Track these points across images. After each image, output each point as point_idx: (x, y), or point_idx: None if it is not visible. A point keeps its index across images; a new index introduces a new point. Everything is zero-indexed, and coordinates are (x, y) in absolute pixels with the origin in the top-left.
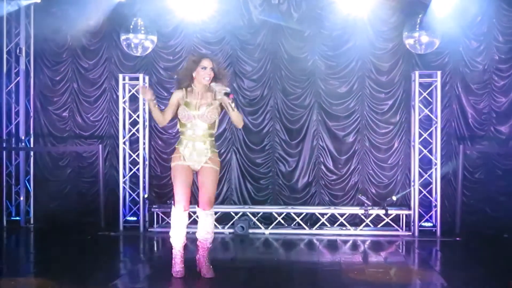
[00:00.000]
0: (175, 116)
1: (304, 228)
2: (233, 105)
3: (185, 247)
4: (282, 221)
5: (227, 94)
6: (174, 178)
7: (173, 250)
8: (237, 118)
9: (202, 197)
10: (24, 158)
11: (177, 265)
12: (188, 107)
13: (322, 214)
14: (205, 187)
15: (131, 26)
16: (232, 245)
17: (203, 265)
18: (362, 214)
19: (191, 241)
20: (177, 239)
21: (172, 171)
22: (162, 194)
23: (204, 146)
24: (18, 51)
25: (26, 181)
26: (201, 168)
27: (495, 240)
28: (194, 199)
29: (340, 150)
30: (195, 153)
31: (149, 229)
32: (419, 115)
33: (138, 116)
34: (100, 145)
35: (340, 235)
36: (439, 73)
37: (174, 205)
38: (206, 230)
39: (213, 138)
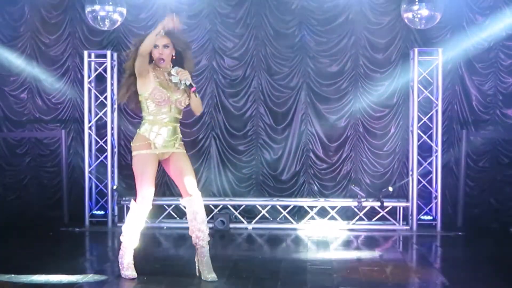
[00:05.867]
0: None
1: (291, 222)
2: (196, 95)
3: None
4: (267, 215)
5: (189, 86)
6: (142, 169)
7: (124, 249)
8: (196, 105)
9: (188, 183)
10: None
11: (130, 267)
12: (165, 89)
13: (311, 207)
14: (186, 171)
15: None
16: (211, 242)
17: (204, 265)
18: (355, 206)
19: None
20: (134, 239)
21: (137, 161)
22: (132, 185)
23: (175, 131)
24: None
25: None
26: (173, 155)
27: (500, 235)
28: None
29: (330, 136)
30: (167, 140)
31: (118, 224)
32: (418, 97)
33: (105, 98)
34: (63, 131)
35: (331, 229)
36: (440, 50)
37: (136, 200)
38: (201, 219)
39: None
